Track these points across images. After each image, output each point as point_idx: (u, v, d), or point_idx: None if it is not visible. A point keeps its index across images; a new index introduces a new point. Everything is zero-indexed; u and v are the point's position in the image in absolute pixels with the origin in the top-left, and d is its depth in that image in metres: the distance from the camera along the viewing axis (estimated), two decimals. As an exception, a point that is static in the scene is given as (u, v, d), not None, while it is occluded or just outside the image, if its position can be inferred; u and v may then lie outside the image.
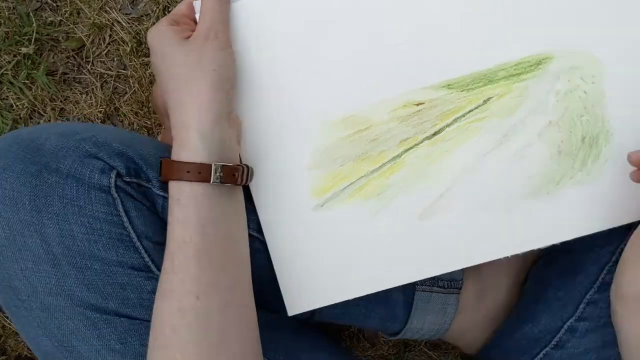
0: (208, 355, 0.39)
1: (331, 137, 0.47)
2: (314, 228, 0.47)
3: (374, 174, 0.48)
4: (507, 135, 0.47)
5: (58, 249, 0.41)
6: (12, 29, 0.70)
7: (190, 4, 0.46)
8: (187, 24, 0.46)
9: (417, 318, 0.58)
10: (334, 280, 0.48)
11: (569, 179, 0.47)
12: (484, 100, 0.47)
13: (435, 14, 0.46)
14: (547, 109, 0.47)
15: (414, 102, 0.47)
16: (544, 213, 0.47)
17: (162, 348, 0.39)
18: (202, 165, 0.40)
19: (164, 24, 0.45)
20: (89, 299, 0.42)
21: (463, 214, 0.47)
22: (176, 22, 0.45)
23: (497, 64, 0.46)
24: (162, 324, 0.39)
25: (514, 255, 0.48)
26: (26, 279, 0.41)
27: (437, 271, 0.48)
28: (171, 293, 0.39)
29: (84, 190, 0.42)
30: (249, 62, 0.46)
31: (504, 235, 0.47)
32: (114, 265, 0.42)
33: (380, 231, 0.48)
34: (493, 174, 0.47)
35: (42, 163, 0.42)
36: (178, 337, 0.39)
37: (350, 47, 0.46)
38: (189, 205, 0.40)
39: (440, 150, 0.47)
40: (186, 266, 0.39)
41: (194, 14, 0.46)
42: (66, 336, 0.42)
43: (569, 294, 0.53)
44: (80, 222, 0.42)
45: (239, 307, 0.42)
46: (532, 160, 0.47)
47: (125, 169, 0.44)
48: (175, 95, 0.42)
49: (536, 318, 0.54)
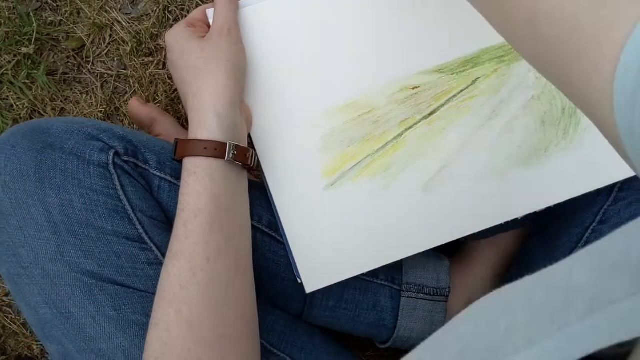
0: (214, 311, 0.42)
1: (337, 121, 0.51)
2: (326, 206, 0.51)
3: (378, 153, 0.52)
4: (496, 111, 0.52)
5: (58, 217, 0.44)
6: (12, 29, 0.70)
7: (204, 11, 0.51)
8: (202, 27, 0.51)
9: (404, 325, 0.59)
10: (348, 255, 0.51)
11: (554, 146, 0.52)
12: (473, 81, 0.52)
13: (425, 8, 0.51)
14: (529, 85, 0.52)
15: (410, 87, 0.52)
16: (536, 179, 0.52)
17: (169, 302, 0.41)
18: (218, 143, 0.44)
19: (181, 26, 0.50)
20: (86, 265, 0.44)
21: (463, 184, 0.52)
22: (192, 25, 0.50)
23: (481, 49, 0.52)
24: (172, 282, 0.42)
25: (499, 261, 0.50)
26: (29, 246, 0.44)
27: (444, 239, 0.51)
28: (182, 254, 0.42)
29: (84, 166, 0.46)
30: (257, 58, 0.51)
31: (502, 202, 0.52)
32: (109, 234, 0.45)
33: (388, 205, 0.51)
34: (486, 146, 0.52)
35: (47, 142, 0.46)
36: (186, 292, 0.41)
37: (349, 42, 0.51)
38: (204, 177, 0.44)
39: (437, 128, 0.52)
40: (200, 231, 0.43)
41: (207, 20, 0.51)
42: (64, 302, 0.44)
43: (552, 256, 0.55)
44: (79, 193, 0.45)
45: (241, 271, 0.45)
46: (520, 131, 0.52)
47: (123, 149, 0.47)
48: (193, 84, 0.46)
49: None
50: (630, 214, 0.53)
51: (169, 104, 0.71)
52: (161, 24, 0.71)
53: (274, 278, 0.53)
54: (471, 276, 0.63)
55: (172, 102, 0.71)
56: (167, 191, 0.49)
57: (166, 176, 0.49)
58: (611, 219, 0.53)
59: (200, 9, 0.52)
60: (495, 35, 0.52)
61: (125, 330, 0.44)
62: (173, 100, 0.71)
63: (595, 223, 0.54)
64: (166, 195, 0.49)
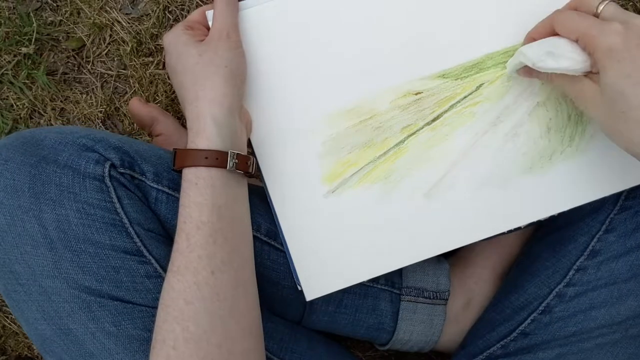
0: (220, 326, 0.41)
1: (338, 127, 0.51)
2: (326, 214, 0.50)
3: (380, 159, 0.51)
4: (500, 117, 0.51)
5: (55, 233, 0.43)
6: (12, 28, 0.70)
7: (203, 13, 0.50)
8: (201, 29, 0.49)
9: (403, 329, 0.59)
10: (350, 263, 0.51)
11: (559, 154, 0.51)
12: (477, 87, 0.51)
13: (428, 12, 0.50)
14: (534, 92, 0.51)
15: (413, 92, 0.51)
16: (539, 187, 0.51)
17: (174, 318, 0.40)
18: (219, 152, 0.43)
19: (179, 28, 0.48)
20: (84, 282, 0.43)
21: (465, 191, 0.51)
22: (190, 27, 0.49)
23: (486, 54, 0.51)
24: (176, 298, 0.41)
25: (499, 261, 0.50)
26: (25, 263, 0.43)
27: (446, 247, 0.51)
28: (186, 269, 0.41)
29: (79, 179, 0.45)
30: (257, 62, 0.50)
31: (505, 210, 0.51)
32: (107, 248, 0.44)
33: (390, 212, 0.51)
34: (490, 153, 0.51)
35: (41, 155, 0.45)
36: (192, 308, 0.40)
37: (351, 46, 0.50)
38: (206, 188, 0.43)
39: (440, 134, 0.51)
40: (203, 244, 0.42)
41: (206, 22, 0.50)
42: (63, 319, 0.43)
43: (558, 263, 0.55)
44: (75, 208, 0.44)
45: (246, 283, 0.45)
46: (525, 138, 0.51)
47: (119, 160, 0.46)
48: (191, 90, 0.45)
49: (522, 288, 0.56)
50: (636, 223, 0.52)
51: (169, 104, 0.71)
52: (161, 24, 0.70)
53: (273, 286, 0.53)
54: (471, 277, 0.62)
55: (172, 102, 0.71)
56: (165, 203, 0.48)
57: (163, 188, 0.48)
58: (617, 228, 0.53)
59: (200, 11, 0.50)
60: (500, 40, 0.52)
61: (126, 346, 0.43)
62: (173, 100, 0.71)
63: (601, 232, 0.53)
64: (164, 207, 0.48)
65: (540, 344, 0.53)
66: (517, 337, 0.55)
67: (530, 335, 0.54)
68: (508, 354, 0.55)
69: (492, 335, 0.56)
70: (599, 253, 0.53)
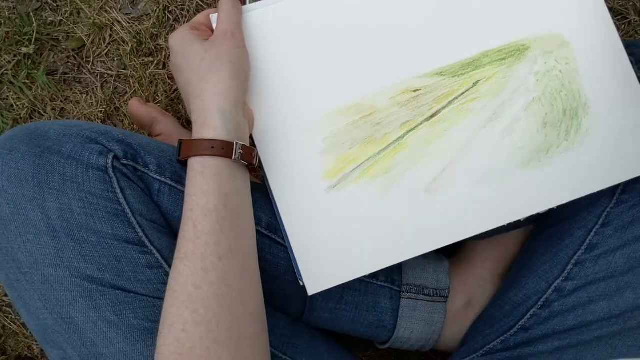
0: (229, 310, 0.42)
1: (339, 123, 0.51)
2: (328, 209, 0.51)
3: (380, 155, 0.52)
4: (497, 113, 0.52)
5: (57, 221, 0.44)
6: (12, 29, 0.70)
7: (207, 15, 0.52)
8: (205, 31, 0.51)
9: (404, 326, 0.59)
10: (351, 257, 0.51)
11: (556, 148, 0.52)
12: (473, 84, 0.52)
13: (426, 12, 0.52)
14: (530, 87, 0.52)
15: (411, 89, 0.52)
16: (537, 181, 0.52)
17: (183, 302, 0.41)
18: (225, 142, 0.44)
19: (185, 29, 0.50)
20: (86, 270, 0.44)
21: (464, 186, 0.52)
22: (195, 28, 0.50)
23: (482, 52, 0.52)
24: (184, 283, 0.41)
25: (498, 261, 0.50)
26: (28, 251, 0.44)
27: (446, 241, 0.51)
28: (194, 255, 0.42)
29: (83, 169, 0.45)
30: (260, 61, 0.51)
31: (504, 204, 0.52)
32: (109, 238, 0.45)
33: (390, 207, 0.51)
34: (488, 148, 0.52)
35: (45, 146, 0.45)
36: (201, 292, 0.41)
37: (351, 45, 0.52)
38: (212, 176, 0.44)
39: (439, 130, 0.52)
40: (210, 231, 0.42)
41: (211, 24, 0.51)
42: (65, 308, 0.44)
43: (555, 258, 0.55)
44: (78, 197, 0.44)
45: (252, 270, 0.45)
46: (522, 133, 0.52)
47: (122, 152, 0.47)
48: (196, 86, 0.46)
49: (520, 283, 0.56)
50: (633, 216, 0.53)
51: (169, 104, 0.71)
52: (161, 24, 0.71)
53: (274, 280, 0.53)
54: (471, 276, 0.63)
55: (172, 102, 0.71)
56: (167, 195, 0.49)
57: (166, 180, 0.49)
58: (614, 222, 0.53)
59: (204, 14, 0.52)
60: (496, 38, 0.53)
61: (127, 335, 0.44)
62: (173, 100, 0.71)
63: (598, 226, 0.54)
64: (166, 199, 0.49)
65: (539, 338, 0.54)
66: (517, 332, 0.55)
67: (530, 330, 0.54)
68: (508, 348, 0.55)
69: (492, 332, 0.57)
70: (596, 247, 0.53)
